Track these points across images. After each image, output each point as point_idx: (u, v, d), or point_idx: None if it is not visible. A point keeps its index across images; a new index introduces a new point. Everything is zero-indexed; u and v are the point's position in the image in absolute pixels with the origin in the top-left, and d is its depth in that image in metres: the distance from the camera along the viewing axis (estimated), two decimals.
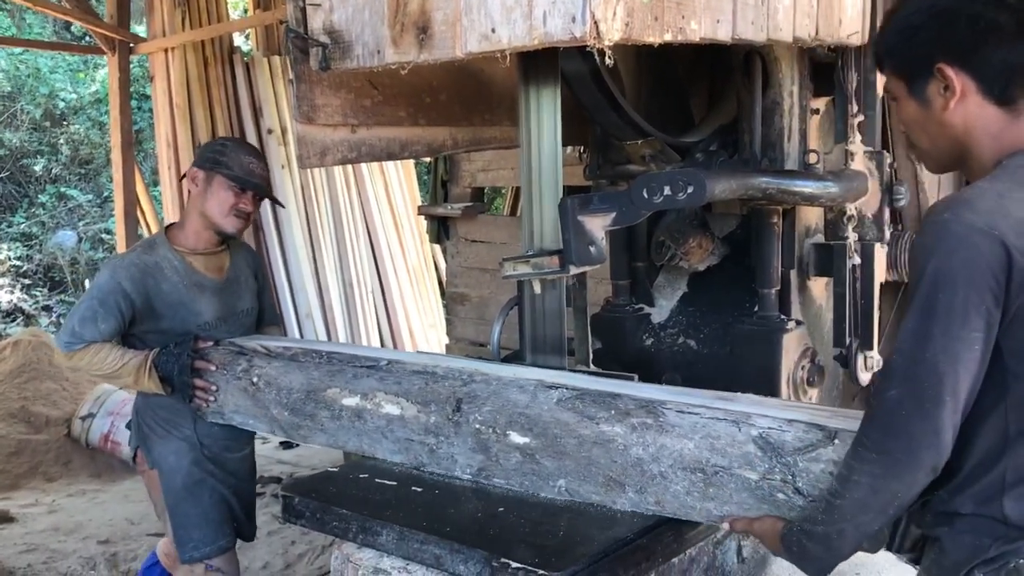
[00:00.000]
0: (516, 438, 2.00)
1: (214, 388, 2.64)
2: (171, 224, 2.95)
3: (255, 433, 2.84)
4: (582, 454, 1.91)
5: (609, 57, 1.59)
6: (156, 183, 8.70)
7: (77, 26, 9.96)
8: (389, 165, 7.77)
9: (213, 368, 2.64)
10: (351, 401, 2.30)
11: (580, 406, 1.96)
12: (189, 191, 2.86)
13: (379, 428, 2.23)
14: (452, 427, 2.10)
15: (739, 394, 1.99)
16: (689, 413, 1.85)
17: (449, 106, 2.53)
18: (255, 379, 2.54)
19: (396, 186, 7.83)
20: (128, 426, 3.00)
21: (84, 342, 2.67)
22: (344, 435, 2.32)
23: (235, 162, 2.77)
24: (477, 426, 2.06)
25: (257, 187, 2.80)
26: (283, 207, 4.68)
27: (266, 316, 3.13)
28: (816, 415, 1.78)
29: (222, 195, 2.77)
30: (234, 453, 2.89)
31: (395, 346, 7.36)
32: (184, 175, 2.89)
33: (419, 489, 2.17)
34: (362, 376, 2.33)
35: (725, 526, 1.77)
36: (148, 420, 2.86)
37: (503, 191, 7.65)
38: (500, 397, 2.07)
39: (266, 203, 3.23)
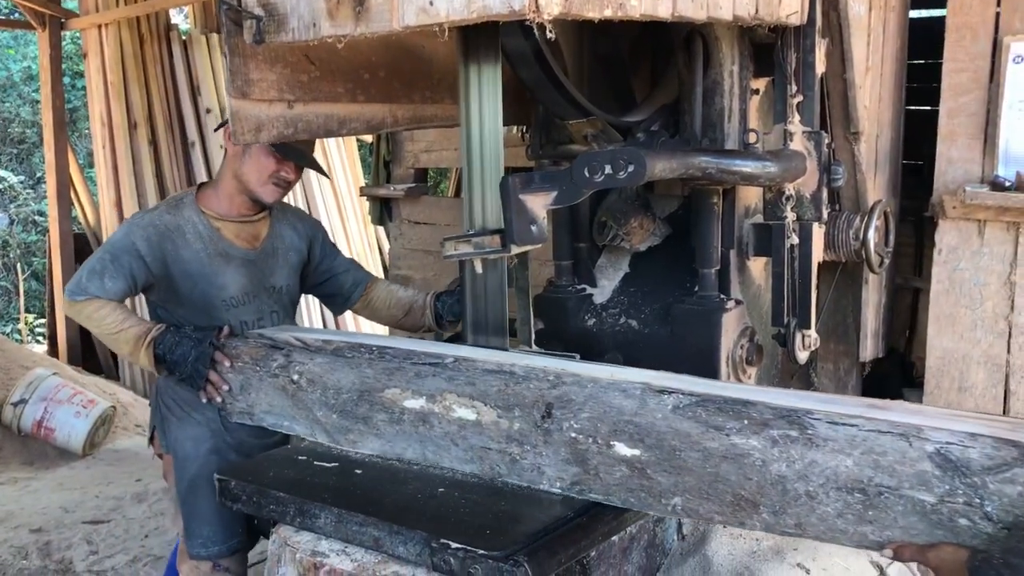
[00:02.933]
0: (623, 449, 1.78)
1: (226, 388, 2.43)
2: (204, 183, 2.70)
3: None
4: (707, 469, 1.70)
5: (550, 31, 1.57)
6: (92, 164, 8.48)
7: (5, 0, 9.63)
8: (331, 146, 7.67)
9: (228, 364, 2.43)
10: (415, 403, 2.07)
11: (704, 415, 1.74)
12: (225, 148, 2.61)
13: (448, 434, 2.02)
14: (541, 435, 1.88)
15: (890, 401, 1.79)
16: (844, 424, 1.63)
17: (388, 83, 2.49)
18: (295, 377, 2.28)
19: (338, 167, 7.74)
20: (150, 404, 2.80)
21: (88, 295, 2.48)
22: (403, 441, 2.10)
23: None
24: (573, 435, 1.84)
25: (301, 157, 2.57)
26: (328, 177, 4.41)
27: (360, 275, 2.92)
28: (997, 427, 1.57)
29: (262, 161, 2.54)
30: (262, 440, 2.61)
31: (337, 329, 7.28)
32: (222, 124, 2.58)
33: (359, 471, 2.15)
34: (427, 375, 2.08)
35: (888, 552, 1.58)
36: (167, 400, 2.66)
37: (448, 173, 7.60)
38: (600, 402, 1.84)
39: None
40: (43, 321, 8.59)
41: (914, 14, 3.04)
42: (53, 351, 7.26)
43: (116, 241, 2.53)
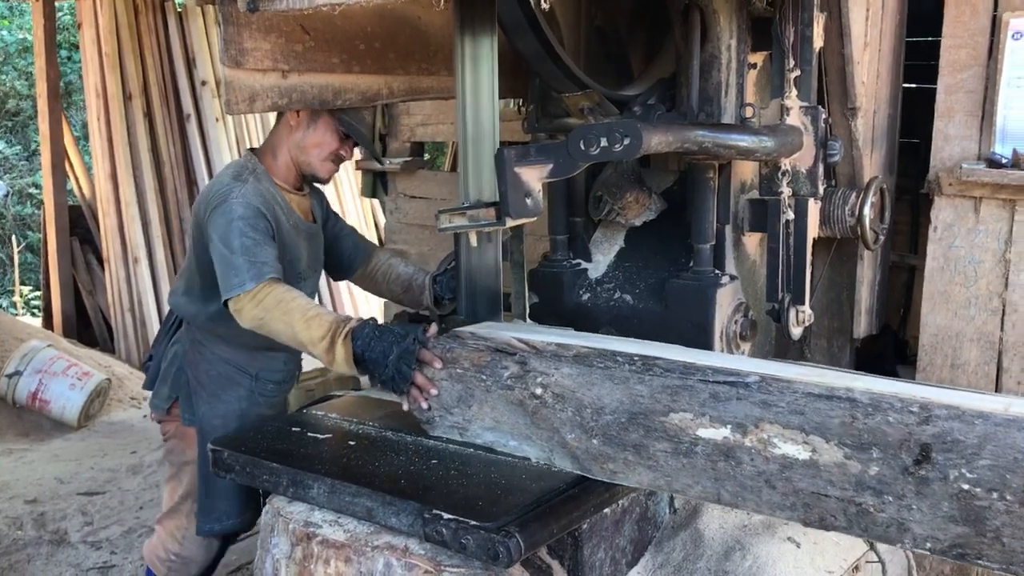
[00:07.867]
0: None
1: (435, 392, 2.08)
2: (255, 149, 2.56)
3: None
4: None
5: (545, 1, 1.56)
6: (87, 136, 8.43)
7: None
8: None
9: (438, 366, 2.08)
10: (714, 433, 1.71)
11: None
12: (288, 121, 2.49)
13: (763, 474, 1.67)
14: (912, 484, 1.54)
15: None
16: None
17: (384, 53, 2.48)
18: (538, 391, 1.93)
19: None
20: (145, 367, 2.66)
21: (272, 270, 2.23)
22: (688, 477, 1.75)
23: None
24: (964, 486, 1.49)
25: (364, 140, 2.51)
26: (380, 161, 4.23)
27: (360, 242, 2.87)
28: None
29: (327, 139, 2.48)
30: None
31: (333, 304, 7.27)
32: None
33: (352, 443, 2.16)
34: (727, 398, 1.73)
35: None
36: (200, 375, 2.55)
37: (445, 148, 7.56)
38: (1004, 446, 1.49)
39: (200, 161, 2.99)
40: (38, 294, 8.57)
41: None
42: (48, 324, 7.24)
43: (242, 212, 2.30)
